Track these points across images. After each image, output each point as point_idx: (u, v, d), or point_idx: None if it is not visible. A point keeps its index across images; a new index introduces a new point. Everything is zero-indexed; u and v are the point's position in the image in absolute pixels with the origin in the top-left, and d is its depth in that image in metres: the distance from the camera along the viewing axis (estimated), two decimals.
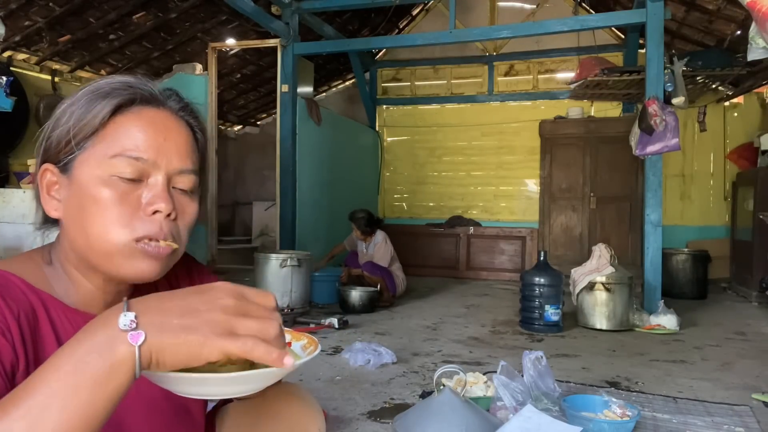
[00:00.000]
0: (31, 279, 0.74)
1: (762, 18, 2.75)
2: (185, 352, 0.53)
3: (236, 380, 0.59)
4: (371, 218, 5.26)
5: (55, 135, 0.73)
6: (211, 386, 0.59)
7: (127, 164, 0.70)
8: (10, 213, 3.36)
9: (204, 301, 0.55)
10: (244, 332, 0.54)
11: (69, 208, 0.73)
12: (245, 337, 0.54)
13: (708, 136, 6.46)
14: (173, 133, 0.75)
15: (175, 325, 0.53)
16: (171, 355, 0.53)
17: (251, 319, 0.56)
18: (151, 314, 0.54)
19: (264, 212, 7.89)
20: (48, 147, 0.74)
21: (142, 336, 0.52)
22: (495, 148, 7.35)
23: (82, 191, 0.71)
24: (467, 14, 7.09)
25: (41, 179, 0.74)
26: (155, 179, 0.73)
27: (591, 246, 4.56)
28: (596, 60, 6.00)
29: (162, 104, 0.76)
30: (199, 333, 0.53)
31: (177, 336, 0.53)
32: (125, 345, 0.52)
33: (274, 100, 6.68)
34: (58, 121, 0.73)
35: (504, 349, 3.43)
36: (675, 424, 2.16)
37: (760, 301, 4.95)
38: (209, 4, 5.47)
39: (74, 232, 0.73)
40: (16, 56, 5.03)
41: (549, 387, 2.26)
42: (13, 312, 0.68)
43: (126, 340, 0.52)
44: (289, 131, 5.53)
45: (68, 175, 0.73)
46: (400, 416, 1.96)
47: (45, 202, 0.75)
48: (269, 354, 0.54)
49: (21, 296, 0.71)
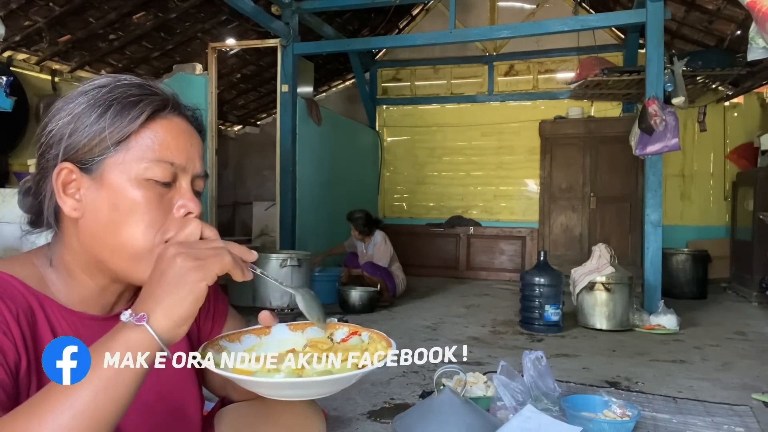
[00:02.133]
0: (28, 280, 0.74)
1: (762, 18, 2.75)
2: (187, 298, 0.62)
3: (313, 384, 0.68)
4: (369, 219, 5.25)
5: (80, 136, 0.73)
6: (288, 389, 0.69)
7: (163, 169, 0.74)
8: (10, 213, 3.35)
9: (163, 267, 0.64)
10: (208, 258, 0.64)
11: (95, 209, 0.73)
12: (210, 259, 0.64)
13: (708, 136, 6.46)
14: (195, 139, 0.80)
15: (164, 291, 0.62)
16: (181, 308, 0.62)
17: (203, 249, 0.65)
18: (142, 302, 0.63)
19: (264, 212, 7.89)
20: (70, 147, 0.73)
21: (145, 317, 0.61)
22: (495, 148, 7.35)
23: (115, 193, 0.72)
24: (467, 14, 7.09)
25: (57, 178, 0.73)
26: (183, 183, 0.77)
27: (591, 246, 4.56)
28: (596, 60, 6.00)
29: (184, 112, 0.80)
30: (182, 281, 0.62)
31: (173, 294, 0.62)
32: (133, 328, 0.61)
33: (274, 100, 6.68)
34: (80, 121, 0.73)
35: (504, 349, 3.43)
36: (675, 424, 2.16)
37: (760, 301, 4.95)
38: (209, 4, 5.47)
39: (98, 232, 0.73)
40: (16, 56, 5.02)
41: (549, 387, 2.26)
42: (12, 312, 0.68)
43: (133, 324, 0.61)
44: (289, 131, 5.53)
45: (94, 176, 0.73)
46: (400, 416, 1.96)
47: (62, 202, 0.74)
48: (239, 267, 0.66)
49: (19, 297, 0.71)
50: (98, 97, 0.74)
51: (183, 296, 0.62)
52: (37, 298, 0.73)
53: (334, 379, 0.68)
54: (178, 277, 0.62)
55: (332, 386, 0.70)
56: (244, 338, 0.80)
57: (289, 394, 0.71)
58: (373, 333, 0.80)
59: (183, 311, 0.62)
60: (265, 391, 0.69)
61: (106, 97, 0.73)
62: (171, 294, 0.62)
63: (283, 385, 0.68)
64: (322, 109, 6.23)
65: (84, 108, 0.73)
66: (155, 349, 0.61)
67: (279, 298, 4.36)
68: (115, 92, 0.74)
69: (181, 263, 0.63)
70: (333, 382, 0.68)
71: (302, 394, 0.72)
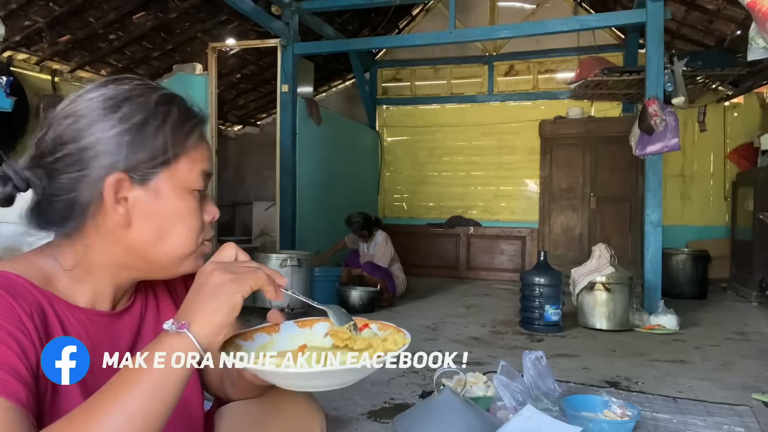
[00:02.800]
0: (35, 279, 0.74)
1: (762, 18, 2.75)
2: (223, 308, 0.67)
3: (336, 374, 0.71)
4: (368, 220, 5.25)
5: (140, 148, 0.75)
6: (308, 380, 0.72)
7: (204, 179, 0.81)
8: (10, 213, 3.34)
9: (203, 281, 0.69)
10: (245, 273, 0.69)
11: (146, 218, 0.77)
12: (247, 274, 0.69)
13: (708, 136, 6.45)
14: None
15: (202, 301, 0.68)
16: (218, 317, 0.67)
17: (240, 267, 0.71)
18: (182, 311, 0.68)
19: (264, 212, 7.88)
20: (129, 158, 0.74)
21: (186, 324, 0.66)
22: (495, 148, 7.34)
23: (168, 203, 0.78)
24: (467, 14, 7.09)
25: (110, 188, 0.74)
26: (206, 191, 0.84)
27: (591, 246, 4.56)
28: (596, 60, 6.00)
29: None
30: (219, 291, 0.68)
31: (210, 304, 0.67)
32: (176, 335, 0.66)
33: (274, 100, 6.67)
34: (139, 133, 0.75)
35: (504, 349, 3.43)
36: (675, 424, 2.16)
37: (760, 301, 4.95)
38: (209, 4, 5.46)
39: (146, 238, 0.77)
40: (16, 56, 5.02)
41: (549, 387, 2.26)
42: (27, 312, 0.69)
43: (175, 332, 0.66)
44: (289, 131, 5.53)
45: (147, 186, 0.76)
46: (400, 416, 1.96)
47: (114, 210, 0.75)
48: (273, 285, 0.71)
49: (30, 296, 0.71)
50: (151, 109, 0.76)
51: (219, 306, 0.67)
52: (46, 297, 0.74)
53: (359, 367, 0.71)
54: (215, 288, 0.68)
55: (356, 375, 0.73)
56: (257, 336, 0.82)
57: (314, 384, 0.75)
58: (384, 325, 0.83)
59: (220, 319, 0.67)
60: (289, 381, 0.73)
61: (162, 109, 0.77)
62: (209, 303, 0.67)
63: (309, 375, 0.71)
64: (322, 109, 6.23)
65: (139, 119, 0.75)
66: (196, 353, 0.67)
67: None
68: (169, 106, 0.78)
69: (219, 276, 0.68)
70: (357, 371, 0.71)
71: (327, 384, 0.74)
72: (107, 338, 0.80)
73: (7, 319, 0.66)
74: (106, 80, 0.79)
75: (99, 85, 0.78)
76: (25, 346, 0.67)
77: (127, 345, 0.83)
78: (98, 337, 0.79)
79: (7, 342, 0.65)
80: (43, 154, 0.76)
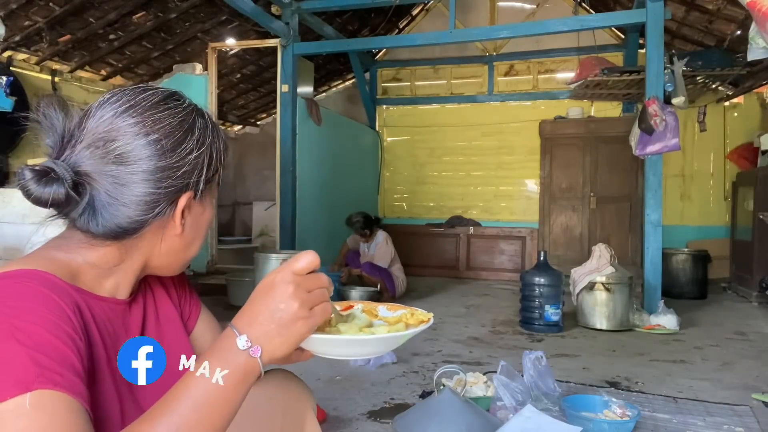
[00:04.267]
0: (62, 275, 0.74)
1: (762, 18, 2.75)
2: (289, 342, 0.69)
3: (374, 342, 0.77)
4: (368, 220, 5.25)
5: (211, 168, 0.82)
6: (348, 347, 0.78)
7: (217, 191, 0.88)
8: (10, 213, 3.35)
9: (279, 301, 0.69)
10: (316, 308, 0.71)
11: (194, 225, 0.84)
12: (318, 309, 0.71)
13: (708, 136, 6.46)
14: None
15: (275, 331, 0.69)
16: (281, 350, 0.70)
17: (315, 297, 0.71)
18: (255, 329, 0.69)
19: (264, 212, 7.89)
20: (205, 178, 0.81)
21: (259, 350, 0.68)
22: (495, 148, 7.35)
23: (204, 214, 0.85)
24: (467, 14, 7.09)
25: (179, 206, 0.79)
26: None
27: (591, 246, 4.56)
28: (596, 60, 6.00)
29: None
30: (291, 327, 0.69)
31: (280, 337, 0.69)
32: (248, 358, 0.68)
33: (274, 100, 6.69)
34: (213, 153, 0.82)
35: (504, 349, 3.43)
36: (675, 424, 2.16)
37: (760, 301, 4.95)
38: (209, 4, 5.47)
39: (181, 246, 0.83)
40: (16, 56, 5.02)
41: (549, 387, 2.26)
42: (71, 308, 0.70)
43: (249, 355, 0.68)
44: (289, 131, 5.53)
45: (202, 201, 0.84)
46: (400, 416, 1.96)
47: (176, 223, 0.80)
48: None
49: (64, 291, 0.72)
50: (213, 130, 0.84)
51: (290, 343, 0.70)
52: (76, 291, 0.75)
53: (406, 333, 0.78)
54: (291, 324, 0.69)
55: (399, 341, 0.80)
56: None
57: (354, 352, 0.81)
58: (393, 306, 0.92)
59: (283, 354, 0.70)
60: (329, 349, 0.77)
61: (220, 132, 0.85)
62: (281, 336, 0.69)
63: (351, 342, 0.76)
64: (322, 109, 6.23)
65: (212, 140, 0.83)
66: (258, 376, 0.70)
67: None
68: (214, 127, 0.84)
69: (298, 311, 0.69)
70: (402, 337, 0.78)
71: (366, 352, 0.82)
72: (123, 324, 0.82)
73: (59, 317, 0.67)
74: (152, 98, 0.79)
75: (148, 103, 0.78)
76: (77, 342, 0.67)
77: (137, 330, 0.85)
78: (118, 325, 0.81)
79: (65, 341, 0.65)
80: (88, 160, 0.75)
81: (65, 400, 0.61)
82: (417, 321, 0.85)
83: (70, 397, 0.62)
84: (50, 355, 0.63)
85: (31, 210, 3.38)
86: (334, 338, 0.75)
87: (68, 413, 0.61)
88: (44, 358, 0.62)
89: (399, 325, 0.83)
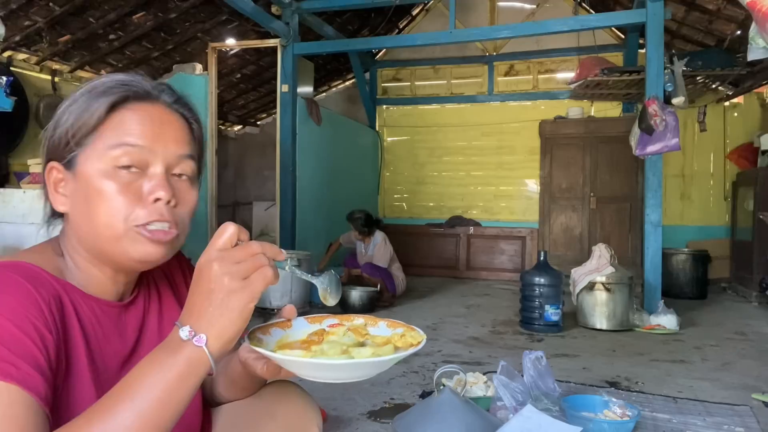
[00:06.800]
0: (49, 268, 0.75)
1: (762, 18, 2.75)
2: (234, 319, 0.65)
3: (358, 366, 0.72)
4: (369, 218, 5.25)
5: (57, 134, 0.77)
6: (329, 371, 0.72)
7: (124, 152, 0.75)
8: (10, 213, 3.35)
9: (208, 281, 0.65)
10: (252, 276, 0.66)
11: (76, 202, 0.77)
12: (255, 277, 0.66)
13: (708, 136, 6.45)
14: (168, 123, 0.79)
15: (215, 312, 0.65)
16: (230, 331, 0.65)
17: (246, 267, 0.66)
18: (196, 317, 0.66)
19: (264, 212, 7.88)
20: (52, 146, 0.78)
21: (203, 338, 0.65)
22: (495, 148, 7.35)
23: (87, 185, 0.75)
24: (467, 14, 7.09)
25: (48, 177, 0.78)
26: (154, 169, 0.76)
27: (591, 246, 4.56)
28: (596, 60, 6.00)
29: (156, 99, 0.80)
30: (229, 302, 0.65)
31: (222, 317, 0.65)
32: (193, 348, 0.65)
33: (274, 100, 6.68)
34: (59, 120, 0.77)
35: (504, 349, 3.43)
36: (675, 424, 2.16)
37: (760, 301, 4.95)
38: (209, 4, 5.46)
39: (81, 224, 0.77)
40: (16, 56, 5.02)
41: (549, 387, 2.26)
42: (46, 301, 0.69)
43: (193, 345, 0.65)
44: (289, 131, 5.53)
45: (73, 171, 0.76)
46: (400, 416, 1.96)
47: (53, 199, 0.78)
48: (276, 277, 0.67)
49: (47, 284, 0.72)
50: (76, 96, 0.78)
51: (234, 319, 0.65)
52: (62, 285, 0.75)
53: (383, 360, 0.72)
54: (227, 300, 0.65)
55: (382, 367, 0.74)
56: (273, 331, 0.84)
57: (337, 375, 0.75)
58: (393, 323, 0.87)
59: (234, 333, 0.66)
60: (313, 372, 0.72)
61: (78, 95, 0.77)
62: (222, 317, 0.65)
63: (335, 366, 0.71)
64: (322, 109, 6.23)
65: (63, 108, 0.77)
66: (209, 367, 0.66)
67: (279, 298, 4.36)
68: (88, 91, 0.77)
69: (229, 283, 0.64)
70: (380, 363, 0.73)
71: (349, 376, 0.76)
72: (117, 328, 0.81)
73: (28, 308, 0.66)
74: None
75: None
76: (45, 336, 0.67)
77: (133, 337, 0.83)
78: (109, 327, 0.80)
79: (29, 333, 0.65)
80: None
81: (15, 393, 0.60)
82: (407, 344, 0.79)
83: (22, 391, 0.61)
84: (8, 347, 0.62)
85: (30, 210, 3.38)
86: (300, 361, 0.71)
87: (16, 407, 0.60)
88: (1, 349, 0.62)
89: (386, 347, 0.78)
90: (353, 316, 0.89)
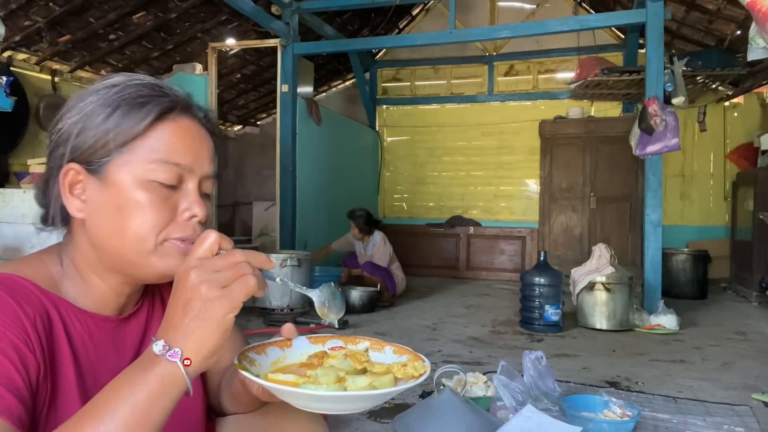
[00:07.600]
0: (39, 281, 0.73)
1: (762, 18, 2.75)
2: (212, 331, 0.61)
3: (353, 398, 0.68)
4: (370, 218, 5.26)
5: (87, 136, 0.72)
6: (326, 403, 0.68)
7: (166, 170, 0.73)
8: (10, 213, 3.35)
9: (185, 292, 0.62)
10: (232, 284, 0.62)
11: (100, 210, 0.73)
12: (235, 286, 0.62)
13: (708, 136, 6.46)
14: (204, 140, 0.78)
15: (191, 325, 0.61)
16: (208, 343, 0.62)
17: (226, 275, 0.63)
18: (172, 331, 0.62)
19: (264, 212, 7.88)
20: (77, 147, 0.73)
21: (178, 353, 0.61)
22: (495, 148, 7.35)
23: (119, 194, 0.72)
24: (467, 14, 7.09)
25: (63, 179, 0.73)
26: (190, 185, 0.76)
27: (591, 246, 4.56)
28: (596, 60, 6.00)
29: (194, 113, 0.79)
30: (207, 313, 0.61)
31: (200, 329, 0.61)
32: (166, 363, 0.61)
33: (274, 100, 6.68)
34: (88, 121, 0.73)
35: (504, 349, 3.43)
36: (675, 424, 2.16)
37: (760, 301, 4.95)
38: (209, 4, 5.46)
39: (105, 233, 0.73)
40: (16, 56, 5.02)
41: (549, 387, 2.26)
42: (30, 318, 0.67)
43: (167, 360, 0.61)
44: (289, 131, 5.53)
45: (100, 177, 0.73)
46: (400, 416, 1.96)
47: (68, 202, 0.74)
48: (260, 287, 0.64)
49: (35, 300, 0.70)
50: (108, 97, 0.73)
51: (211, 331, 0.61)
52: (51, 300, 0.72)
53: (379, 394, 0.68)
54: (204, 310, 0.61)
55: (374, 401, 0.70)
56: (269, 350, 0.81)
57: (329, 407, 0.71)
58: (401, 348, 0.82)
59: (212, 346, 0.62)
60: (306, 403, 0.68)
61: (115, 97, 0.73)
62: (199, 328, 0.61)
63: (326, 398, 0.67)
64: (322, 109, 6.23)
65: (93, 108, 0.73)
66: (184, 385, 0.62)
67: (279, 298, 4.35)
68: (124, 93, 0.73)
69: (206, 292, 0.61)
70: (377, 396, 0.68)
71: (343, 408, 0.72)
72: (113, 344, 0.79)
73: (8, 326, 0.64)
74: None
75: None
76: (25, 356, 0.64)
77: (132, 351, 0.81)
78: (103, 343, 0.77)
79: (7, 353, 0.63)
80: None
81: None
82: (407, 375, 0.74)
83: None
84: None
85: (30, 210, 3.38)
86: (281, 389, 0.67)
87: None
88: None
89: (385, 378, 0.73)
90: (359, 338, 0.85)
